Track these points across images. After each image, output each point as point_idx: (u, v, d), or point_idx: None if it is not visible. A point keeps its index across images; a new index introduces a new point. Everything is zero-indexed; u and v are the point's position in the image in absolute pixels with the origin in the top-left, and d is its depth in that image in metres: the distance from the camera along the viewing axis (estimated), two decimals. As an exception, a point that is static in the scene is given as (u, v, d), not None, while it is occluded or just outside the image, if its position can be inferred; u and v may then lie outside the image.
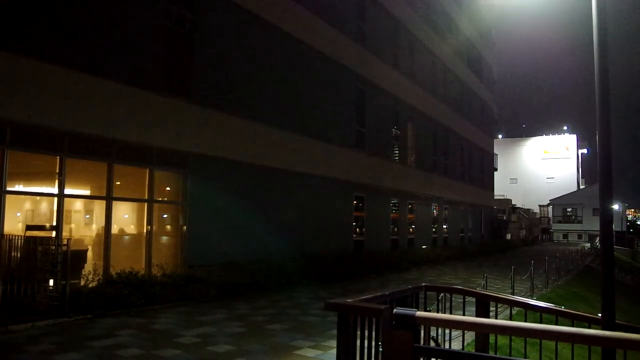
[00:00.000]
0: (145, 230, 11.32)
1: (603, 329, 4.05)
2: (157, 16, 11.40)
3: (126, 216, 12.65)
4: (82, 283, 9.39)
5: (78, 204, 12.52)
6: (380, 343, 3.73)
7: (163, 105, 11.44)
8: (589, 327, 4.79)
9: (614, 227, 5.09)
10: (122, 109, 10.52)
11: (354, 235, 19.17)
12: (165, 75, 11.59)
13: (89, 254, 10.65)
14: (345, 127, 18.89)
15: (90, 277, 9.57)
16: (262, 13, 14.39)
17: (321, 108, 17.27)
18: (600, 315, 4.34)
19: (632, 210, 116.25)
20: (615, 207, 58.57)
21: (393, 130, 22.95)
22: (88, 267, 10.01)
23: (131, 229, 12.37)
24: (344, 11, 19.03)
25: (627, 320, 5.66)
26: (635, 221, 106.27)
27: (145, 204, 11.36)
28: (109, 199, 10.44)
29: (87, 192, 11.85)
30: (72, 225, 12.07)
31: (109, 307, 8.98)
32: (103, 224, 10.46)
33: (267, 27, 14.63)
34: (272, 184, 14.75)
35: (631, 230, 78.14)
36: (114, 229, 10.92)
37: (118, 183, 10.71)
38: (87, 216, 13.05)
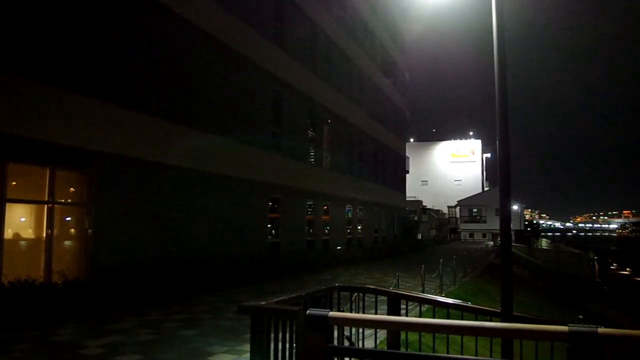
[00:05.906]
0: (44, 235, 10.53)
1: (502, 321, 4.32)
2: (62, 5, 10.64)
3: (23, 219, 11.68)
4: (-30, 294, 8.54)
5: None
6: (295, 345, 3.72)
7: (67, 100, 10.70)
8: (491, 320, 5.09)
9: (512, 226, 5.44)
10: (20, 103, 9.70)
11: (270, 237, 19.10)
12: (72, 70, 10.83)
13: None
14: (262, 128, 18.75)
15: (-21, 287, 8.72)
16: (179, 10, 13.93)
17: (238, 109, 17.02)
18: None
19: (529, 210, 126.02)
20: (515, 207, 63.13)
21: (309, 132, 23.16)
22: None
23: (29, 233, 11.44)
24: (263, 13, 18.92)
25: (524, 312, 6.08)
26: (532, 220, 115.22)
27: (45, 206, 10.57)
28: (2, 200, 9.59)
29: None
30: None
31: (1, 320, 8.21)
32: (-5, 228, 9.57)
33: (184, 25, 14.16)
34: (187, 185, 14.29)
35: (529, 229, 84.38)
36: (8, 234, 10.04)
37: (14, 183, 9.87)
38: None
